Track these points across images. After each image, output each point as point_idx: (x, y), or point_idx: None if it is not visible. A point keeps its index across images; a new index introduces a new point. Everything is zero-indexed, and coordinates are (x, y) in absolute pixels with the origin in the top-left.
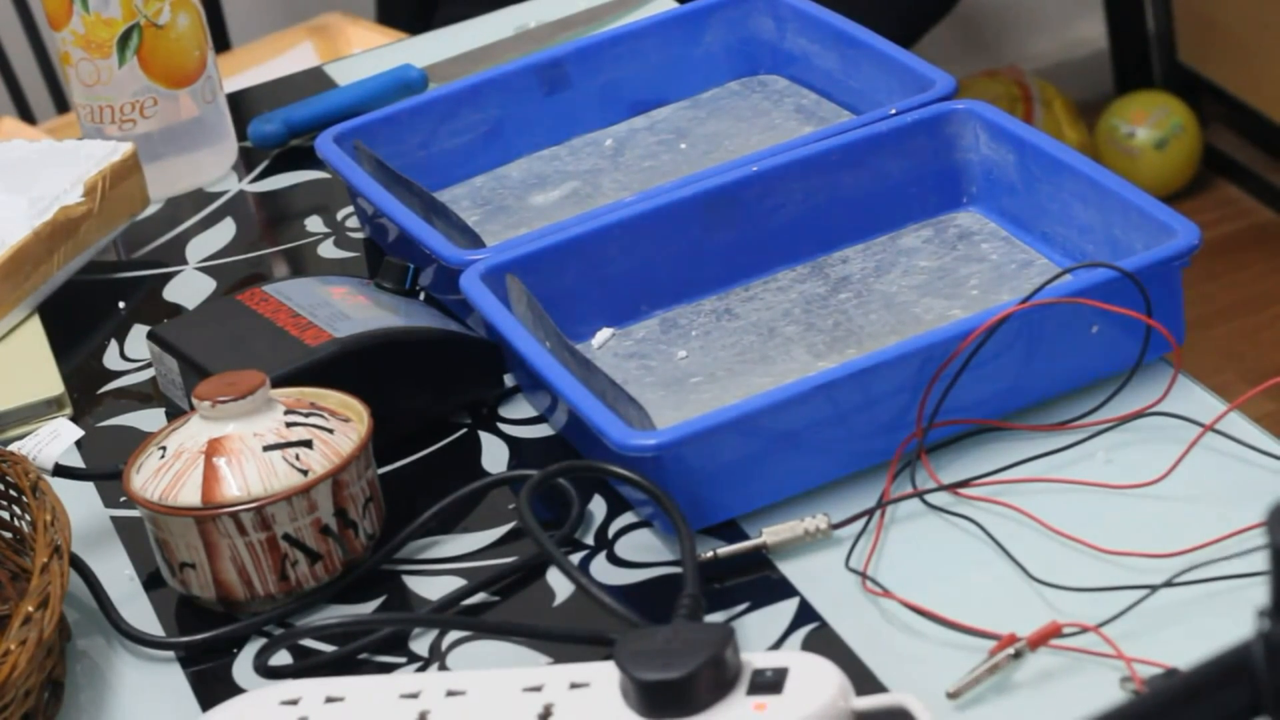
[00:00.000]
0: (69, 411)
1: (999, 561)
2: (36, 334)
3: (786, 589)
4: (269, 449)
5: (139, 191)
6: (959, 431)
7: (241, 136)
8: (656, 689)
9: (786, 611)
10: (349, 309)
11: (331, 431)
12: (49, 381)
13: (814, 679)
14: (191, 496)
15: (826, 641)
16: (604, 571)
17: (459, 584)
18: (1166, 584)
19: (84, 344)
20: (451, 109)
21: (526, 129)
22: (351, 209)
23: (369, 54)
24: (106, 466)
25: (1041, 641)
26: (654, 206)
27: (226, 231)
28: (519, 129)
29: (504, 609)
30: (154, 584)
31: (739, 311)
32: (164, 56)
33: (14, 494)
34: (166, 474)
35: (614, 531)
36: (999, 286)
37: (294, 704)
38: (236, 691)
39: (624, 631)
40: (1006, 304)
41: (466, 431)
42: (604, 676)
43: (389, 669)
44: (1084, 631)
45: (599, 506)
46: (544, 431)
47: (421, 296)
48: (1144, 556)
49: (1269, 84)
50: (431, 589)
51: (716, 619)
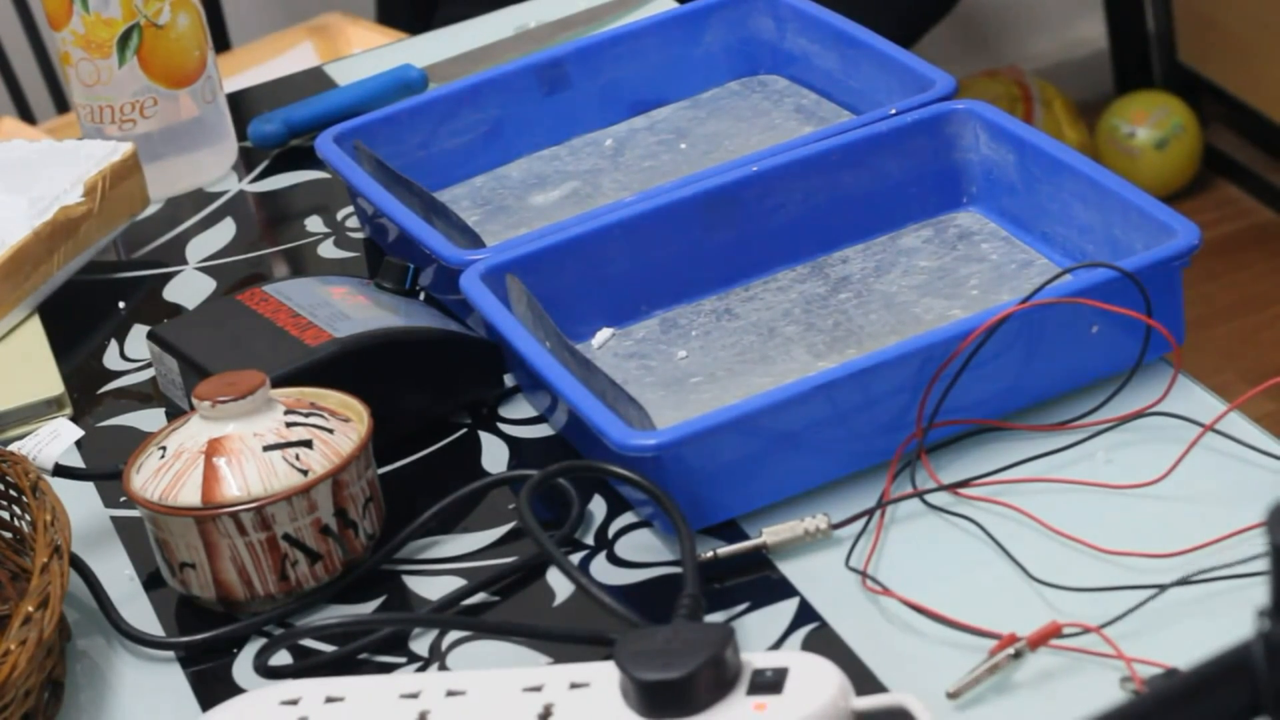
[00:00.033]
0: (69, 411)
1: (999, 561)
2: (36, 334)
3: (786, 589)
4: (269, 449)
5: (139, 191)
6: (959, 431)
7: (241, 136)
8: (656, 689)
9: (786, 611)
10: (349, 309)
11: (331, 431)
12: (49, 381)
13: (814, 679)
14: (191, 496)
15: (826, 641)
16: (604, 571)
17: (459, 584)
18: (1171, 585)
19: (84, 344)
20: (451, 109)
21: (526, 129)
22: (351, 209)
23: (369, 54)
24: (106, 466)
25: (1041, 641)
26: (654, 206)
27: (226, 231)
28: (519, 129)
29: (504, 609)
30: (154, 584)
31: (739, 311)
32: (164, 56)
33: (14, 494)
34: (166, 474)
35: (614, 531)
36: (999, 286)
37: (294, 704)
38: (236, 691)
39: (624, 631)
40: (1006, 304)
41: (466, 431)
42: (604, 676)
43: (389, 669)
44: (1084, 631)
45: (599, 506)
46: (544, 431)
47: (421, 296)
48: (1144, 556)
49: (1269, 84)
50: (431, 589)
51: (716, 619)
